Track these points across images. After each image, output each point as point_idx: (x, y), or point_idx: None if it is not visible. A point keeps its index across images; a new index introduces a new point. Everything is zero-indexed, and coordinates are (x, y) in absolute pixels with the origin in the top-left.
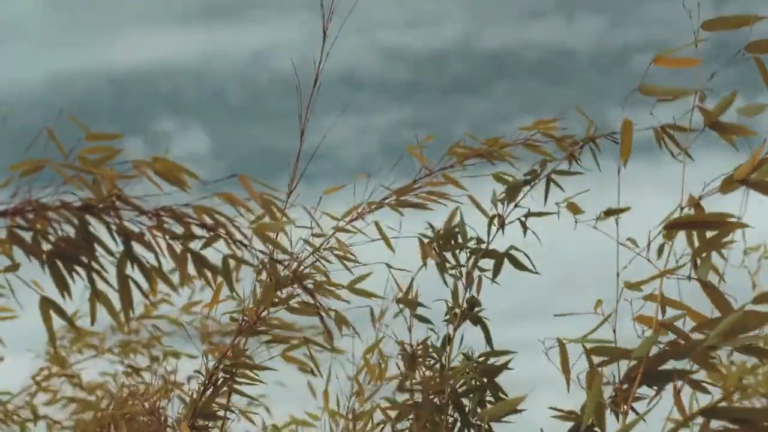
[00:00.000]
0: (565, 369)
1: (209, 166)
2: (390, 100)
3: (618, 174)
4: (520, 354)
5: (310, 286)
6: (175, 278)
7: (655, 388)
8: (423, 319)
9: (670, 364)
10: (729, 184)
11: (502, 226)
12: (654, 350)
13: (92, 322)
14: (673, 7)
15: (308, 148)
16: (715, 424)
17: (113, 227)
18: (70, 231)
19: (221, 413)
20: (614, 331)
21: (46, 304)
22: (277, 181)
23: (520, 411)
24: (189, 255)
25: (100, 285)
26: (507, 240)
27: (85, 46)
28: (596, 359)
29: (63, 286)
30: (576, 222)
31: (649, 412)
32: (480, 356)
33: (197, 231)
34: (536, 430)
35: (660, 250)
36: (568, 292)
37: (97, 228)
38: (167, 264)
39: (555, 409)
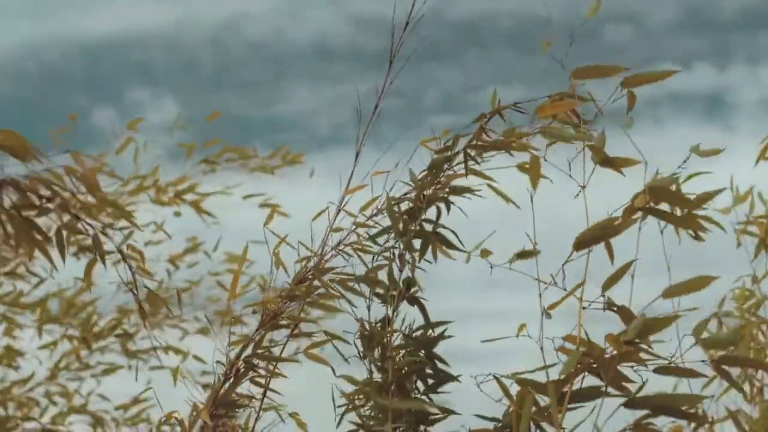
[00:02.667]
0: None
1: (180, 135)
2: (361, 70)
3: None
4: (482, 325)
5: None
6: None
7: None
8: (381, 296)
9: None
10: (630, 212)
11: (428, 204)
12: None
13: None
14: None
15: (278, 116)
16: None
17: None
18: None
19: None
20: (542, 350)
21: None
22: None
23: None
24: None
25: None
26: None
27: (58, 15)
28: None
29: None
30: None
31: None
32: (416, 329)
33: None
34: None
35: None
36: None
37: None
38: None
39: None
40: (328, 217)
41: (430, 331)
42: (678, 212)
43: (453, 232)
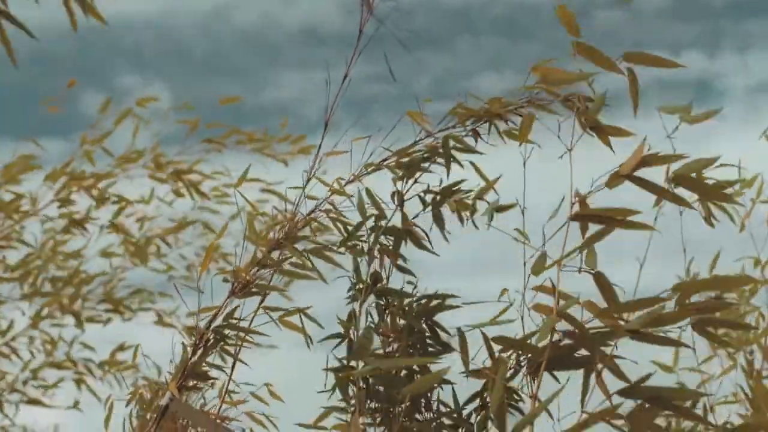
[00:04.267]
0: (464, 357)
1: (170, 120)
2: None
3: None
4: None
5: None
6: None
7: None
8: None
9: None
10: (615, 179)
11: (401, 203)
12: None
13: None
14: None
15: (269, 102)
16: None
17: None
18: None
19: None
20: (522, 318)
21: None
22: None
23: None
24: None
25: None
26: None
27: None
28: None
29: None
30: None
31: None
32: (420, 298)
33: None
34: None
35: None
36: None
37: None
38: None
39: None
40: (303, 186)
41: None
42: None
43: (424, 231)
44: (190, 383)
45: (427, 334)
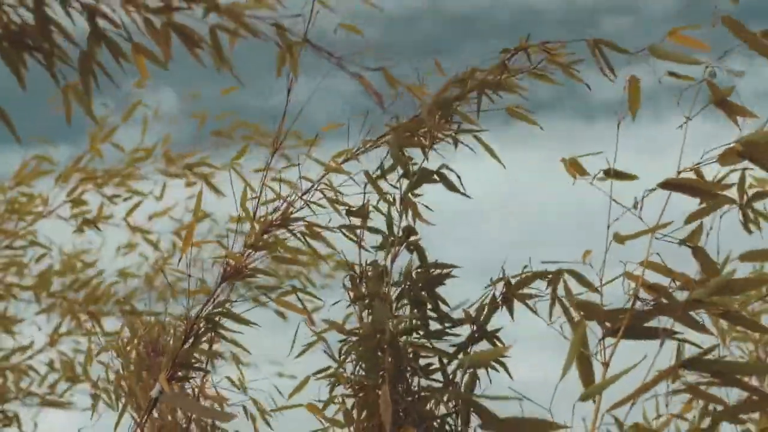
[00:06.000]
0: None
1: (179, 125)
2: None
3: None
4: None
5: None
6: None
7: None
8: (374, 230)
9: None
10: (729, 156)
11: (432, 144)
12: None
13: (68, 120)
14: None
15: (274, 108)
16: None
17: (76, 8)
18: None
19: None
20: (601, 281)
21: None
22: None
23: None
24: (171, 29)
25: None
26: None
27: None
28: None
29: (17, 72)
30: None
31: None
32: (416, 269)
33: (177, 2)
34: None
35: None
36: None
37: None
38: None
39: None
40: (299, 170)
41: (433, 270)
42: None
43: (457, 175)
44: (181, 373)
45: (429, 306)
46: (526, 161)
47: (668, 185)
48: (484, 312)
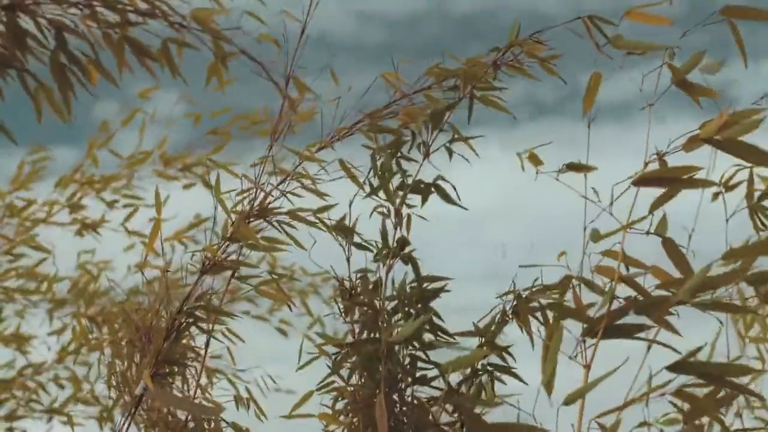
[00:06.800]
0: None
1: (183, 126)
2: (364, 64)
3: (588, 128)
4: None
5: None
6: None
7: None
8: (361, 246)
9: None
10: (693, 142)
11: (427, 154)
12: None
13: (38, 120)
14: None
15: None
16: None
17: (44, 23)
18: None
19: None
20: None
21: None
22: (252, 140)
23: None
24: (126, 43)
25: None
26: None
27: None
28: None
29: None
30: (537, 174)
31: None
32: (410, 282)
33: (133, 18)
34: None
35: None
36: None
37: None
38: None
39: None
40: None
41: (426, 284)
42: None
43: (452, 186)
44: (165, 370)
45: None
46: (530, 163)
47: (641, 182)
48: (493, 327)
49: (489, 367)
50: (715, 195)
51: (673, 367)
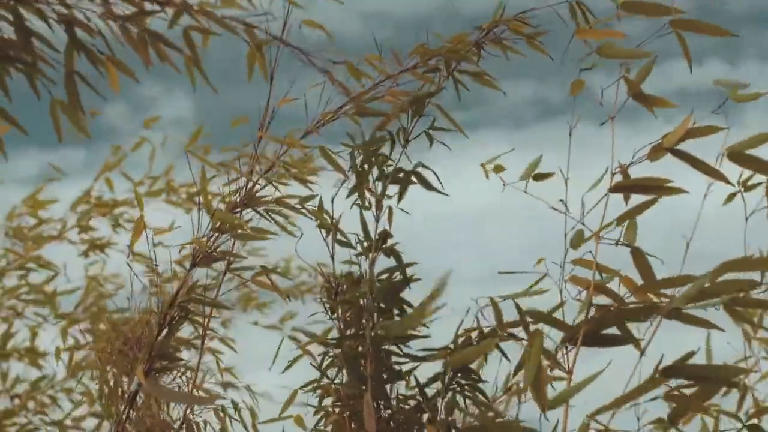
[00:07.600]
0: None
1: (187, 127)
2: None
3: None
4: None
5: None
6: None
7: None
8: (345, 244)
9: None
10: (657, 152)
11: (407, 141)
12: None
13: (59, 139)
14: None
15: (285, 110)
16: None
17: (54, 19)
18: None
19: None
20: (561, 291)
21: None
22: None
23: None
24: (147, 36)
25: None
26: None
27: None
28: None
29: (1, 84)
30: (504, 185)
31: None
32: (380, 274)
33: (150, 8)
34: None
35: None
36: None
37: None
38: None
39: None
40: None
41: (396, 274)
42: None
43: (434, 172)
44: (159, 365)
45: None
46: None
47: (617, 189)
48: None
49: (456, 387)
50: (731, 195)
51: (666, 371)
